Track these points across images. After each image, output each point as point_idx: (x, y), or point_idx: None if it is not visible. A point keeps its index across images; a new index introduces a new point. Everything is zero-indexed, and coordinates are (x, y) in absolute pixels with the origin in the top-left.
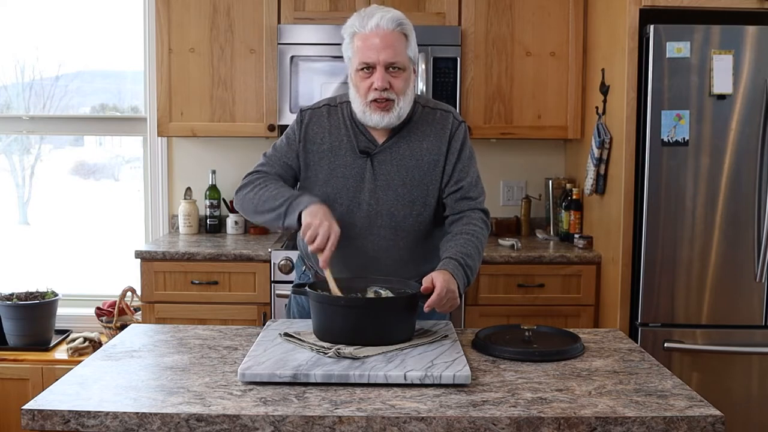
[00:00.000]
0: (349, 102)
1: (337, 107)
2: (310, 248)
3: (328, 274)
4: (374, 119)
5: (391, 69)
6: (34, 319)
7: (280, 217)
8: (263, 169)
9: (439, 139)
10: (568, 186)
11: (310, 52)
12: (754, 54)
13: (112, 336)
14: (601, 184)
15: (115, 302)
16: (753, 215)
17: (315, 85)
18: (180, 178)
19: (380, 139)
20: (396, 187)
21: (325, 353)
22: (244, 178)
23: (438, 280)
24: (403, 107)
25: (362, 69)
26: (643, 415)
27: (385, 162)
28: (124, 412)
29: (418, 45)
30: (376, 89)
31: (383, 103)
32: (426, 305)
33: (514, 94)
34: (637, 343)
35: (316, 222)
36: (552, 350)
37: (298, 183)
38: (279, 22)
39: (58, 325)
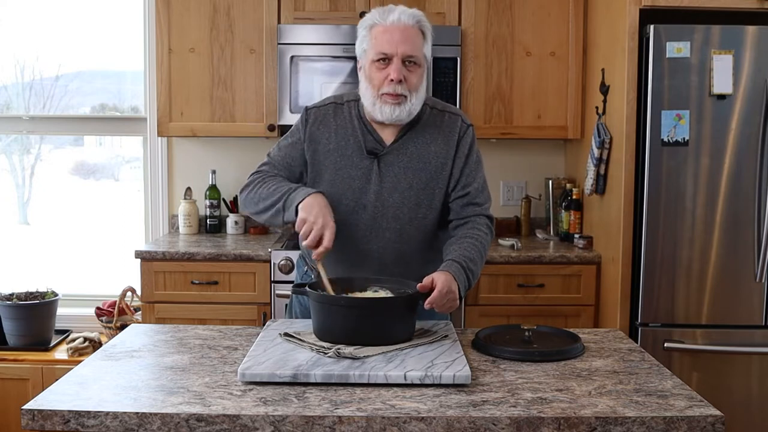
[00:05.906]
0: (356, 101)
1: (343, 105)
2: (304, 243)
3: (320, 269)
4: (385, 112)
5: (407, 63)
6: (34, 319)
7: (279, 212)
8: (266, 168)
9: (446, 143)
10: (568, 186)
11: (310, 52)
12: (754, 54)
13: (112, 336)
14: (601, 184)
15: (115, 302)
16: (753, 215)
17: (315, 85)
18: (180, 178)
19: (388, 139)
20: (402, 190)
21: (325, 353)
22: (249, 177)
23: (439, 279)
24: (414, 104)
25: (379, 60)
26: (643, 415)
27: (393, 163)
28: (124, 412)
29: None
30: (391, 80)
31: (396, 97)
32: (426, 302)
33: (514, 94)
34: (637, 343)
35: (311, 218)
36: (552, 350)
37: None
38: (279, 22)
39: (58, 325)
